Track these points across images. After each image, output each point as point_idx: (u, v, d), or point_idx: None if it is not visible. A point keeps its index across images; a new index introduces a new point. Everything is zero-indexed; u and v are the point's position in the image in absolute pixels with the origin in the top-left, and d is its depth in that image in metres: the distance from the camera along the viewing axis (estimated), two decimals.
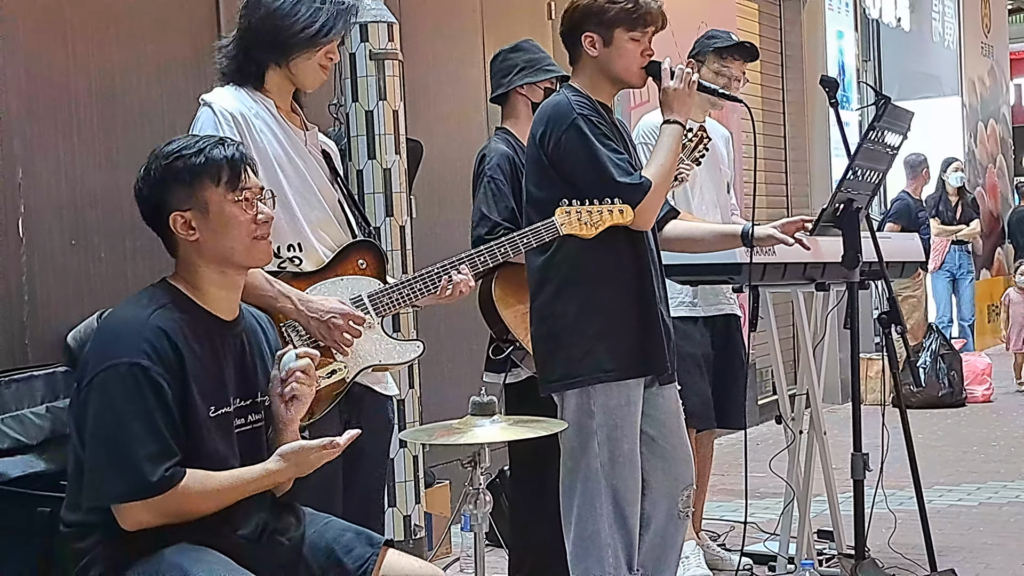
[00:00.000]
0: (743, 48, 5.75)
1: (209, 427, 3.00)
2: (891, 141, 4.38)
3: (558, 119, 4.05)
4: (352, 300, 3.64)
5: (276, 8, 3.61)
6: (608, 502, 4.08)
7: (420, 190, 6.34)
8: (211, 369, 3.02)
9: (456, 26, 7.13)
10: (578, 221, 3.87)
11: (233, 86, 3.67)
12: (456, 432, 3.32)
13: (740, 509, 7.06)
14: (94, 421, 2.92)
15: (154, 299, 3.03)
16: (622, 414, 4.09)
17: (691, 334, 5.52)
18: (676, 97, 4.10)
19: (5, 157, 4.56)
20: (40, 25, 4.72)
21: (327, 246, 3.69)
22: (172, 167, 3.04)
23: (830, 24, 11.66)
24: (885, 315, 4.37)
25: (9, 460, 4.20)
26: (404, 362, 3.75)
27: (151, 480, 2.86)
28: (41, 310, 4.63)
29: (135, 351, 2.90)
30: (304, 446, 3.04)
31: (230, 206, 3.06)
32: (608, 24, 4.08)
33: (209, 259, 3.07)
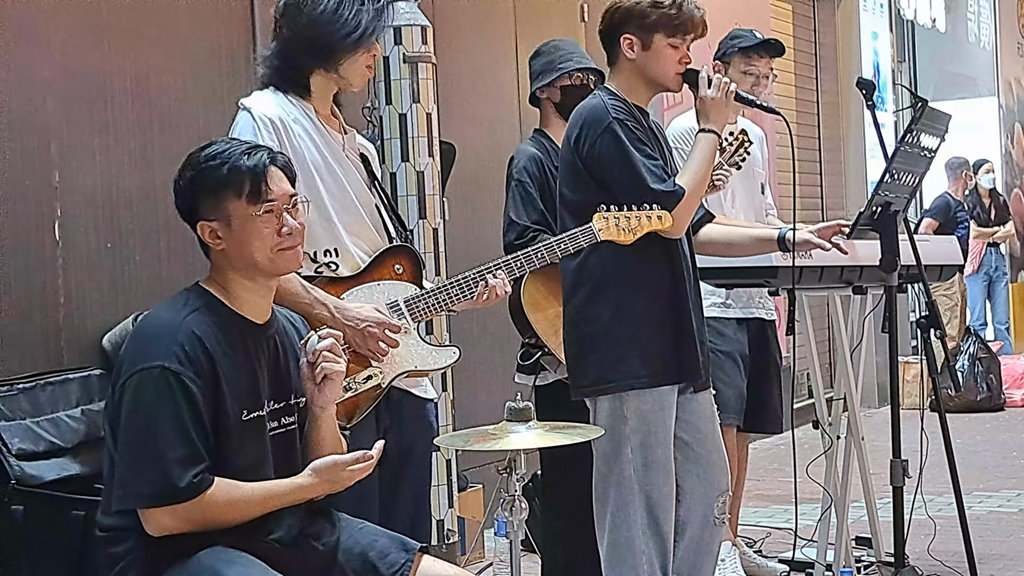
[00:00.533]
0: (768, 45, 5.71)
1: (241, 431, 3.00)
2: (928, 144, 4.34)
3: (594, 122, 4.03)
4: (388, 305, 3.63)
5: (319, 15, 3.60)
6: (642, 508, 4.06)
7: (453, 192, 6.33)
8: (244, 373, 3.03)
9: (489, 29, 7.11)
10: (616, 227, 3.84)
11: (273, 90, 3.66)
12: (492, 438, 3.30)
13: (776, 515, 7.05)
14: (125, 424, 2.93)
15: (188, 303, 3.04)
16: (656, 419, 4.06)
17: (725, 332, 5.50)
18: (713, 106, 4.07)
19: (41, 159, 4.56)
20: (77, 25, 4.73)
21: (363, 251, 3.68)
22: (198, 176, 3.07)
23: (864, 25, 11.59)
24: (924, 319, 4.32)
25: (44, 463, 4.22)
26: (440, 367, 3.74)
27: (179, 485, 2.87)
28: (76, 313, 4.64)
29: (167, 355, 2.91)
30: (337, 461, 3.05)
31: (251, 220, 3.06)
32: (649, 28, 4.05)
33: (237, 266, 3.09)
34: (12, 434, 4.20)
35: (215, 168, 3.06)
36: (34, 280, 4.51)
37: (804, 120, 11.09)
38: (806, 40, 11.25)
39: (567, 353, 4.22)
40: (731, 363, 5.47)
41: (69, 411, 4.40)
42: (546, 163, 4.82)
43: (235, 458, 2.98)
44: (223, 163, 3.06)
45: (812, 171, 11.21)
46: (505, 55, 7.18)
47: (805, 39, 11.22)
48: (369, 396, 3.56)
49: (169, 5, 5.12)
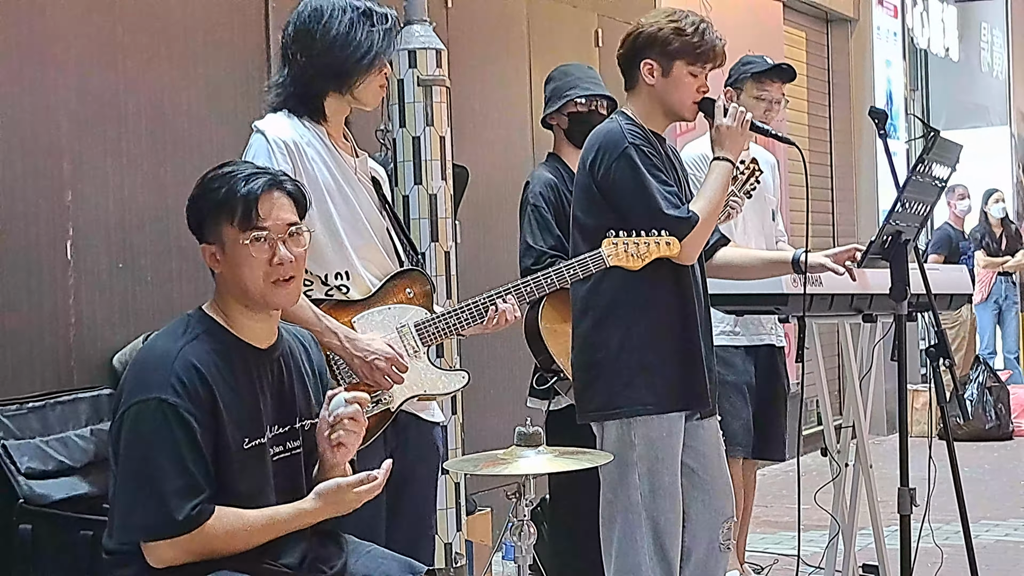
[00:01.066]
0: (780, 70, 5.72)
1: (242, 459, 2.99)
2: (939, 173, 4.35)
3: (610, 147, 4.03)
4: (399, 329, 3.64)
5: (333, 39, 3.63)
6: (648, 534, 4.05)
7: (466, 215, 6.34)
8: (245, 400, 3.01)
9: (503, 53, 7.14)
10: (625, 252, 3.85)
11: (287, 113, 3.68)
12: (501, 463, 3.31)
13: (783, 541, 7.04)
14: (124, 456, 2.92)
15: (188, 329, 3.03)
16: (663, 446, 4.06)
17: (733, 362, 5.50)
18: (729, 135, 4.08)
19: (54, 179, 4.58)
20: (92, 46, 4.75)
21: (374, 274, 3.69)
22: (200, 198, 3.09)
23: (878, 53, 11.60)
24: (933, 348, 4.32)
25: (53, 482, 4.23)
26: (449, 392, 3.75)
27: (177, 518, 2.86)
28: (87, 332, 4.65)
29: (164, 387, 2.90)
30: (341, 484, 3.02)
31: (240, 246, 3.04)
32: (670, 55, 4.05)
33: (233, 293, 3.09)
34: (21, 453, 4.20)
35: (215, 191, 3.06)
36: (45, 299, 4.52)
37: (816, 147, 11.09)
38: (819, 67, 11.26)
39: (575, 378, 4.23)
40: (738, 394, 5.47)
41: (78, 430, 4.41)
42: (561, 188, 4.84)
43: (237, 485, 2.97)
44: (221, 187, 3.06)
45: (824, 198, 11.20)
46: (519, 79, 7.21)
47: (818, 66, 11.24)
48: (378, 420, 3.57)
49: (184, 27, 5.14)
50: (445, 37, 6.34)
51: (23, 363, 4.45)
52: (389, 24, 3.68)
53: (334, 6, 3.66)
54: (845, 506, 5.38)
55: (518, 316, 3.79)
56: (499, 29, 7.11)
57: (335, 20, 3.63)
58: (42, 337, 4.51)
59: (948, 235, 11.57)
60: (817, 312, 4.91)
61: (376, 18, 3.66)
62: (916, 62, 13.68)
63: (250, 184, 3.05)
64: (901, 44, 12.23)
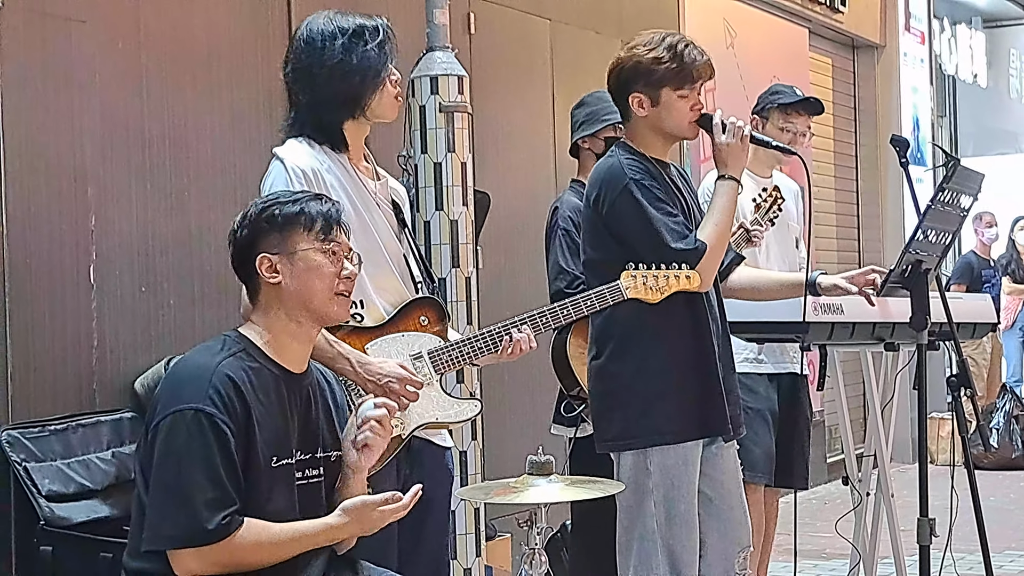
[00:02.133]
0: (807, 103, 5.72)
1: (271, 477, 3.01)
2: (961, 202, 4.34)
3: (611, 183, 4.02)
4: (412, 356, 3.64)
5: (331, 72, 3.62)
6: (665, 562, 4.03)
7: (487, 241, 6.35)
8: (276, 420, 3.04)
9: (526, 79, 7.16)
10: (644, 285, 3.84)
11: (308, 140, 3.68)
12: (513, 491, 3.31)
13: (806, 570, 7.01)
14: (157, 465, 2.94)
15: (225, 347, 3.06)
16: (679, 474, 4.04)
17: (756, 389, 5.48)
18: (730, 152, 4.05)
19: (78, 203, 4.62)
20: (117, 72, 4.79)
21: (389, 302, 3.69)
22: (266, 212, 3.12)
23: (904, 79, 11.59)
24: (955, 377, 4.31)
25: (73, 505, 4.27)
26: (461, 421, 3.74)
27: (207, 527, 2.87)
28: (110, 355, 4.68)
29: (202, 397, 2.92)
30: (367, 502, 3.03)
31: (317, 254, 3.11)
32: (655, 84, 4.02)
33: (289, 305, 3.11)
34: (43, 475, 4.24)
35: (288, 205, 3.13)
36: (68, 322, 4.56)
37: (842, 174, 11.09)
38: (845, 94, 11.27)
39: (592, 407, 4.22)
40: (761, 421, 5.44)
41: (100, 453, 4.44)
42: None
43: (265, 503, 2.98)
44: (296, 202, 3.14)
45: (850, 224, 11.20)
46: (541, 106, 7.23)
47: (844, 92, 11.24)
48: (389, 446, 3.57)
49: (209, 54, 5.18)
50: (467, 63, 6.36)
51: (46, 386, 4.48)
52: (381, 36, 3.66)
53: (324, 34, 3.64)
54: (866, 535, 5.36)
55: (534, 346, 3.77)
56: (522, 55, 7.14)
57: (328, 50, 3.62)
58: (65, 360, 4.55)
59: (970, 264, 11.51)
60: (838, 340, 4.90)
61: (368, 34, 3.65)
62: (944, 88, 13.67)
63: (326, 205, 3.18)
64: (928, 70, 12.21)
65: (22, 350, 4.39)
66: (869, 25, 11.21)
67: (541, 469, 3.31)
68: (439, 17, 5.42)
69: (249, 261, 3.12)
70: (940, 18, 13.05)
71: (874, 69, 11.44)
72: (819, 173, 10.58)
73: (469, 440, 5.30)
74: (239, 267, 3.17)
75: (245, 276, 3.17)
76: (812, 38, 10.45)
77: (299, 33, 3.74)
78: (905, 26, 11.67)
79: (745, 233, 5.22)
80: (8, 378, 4.35)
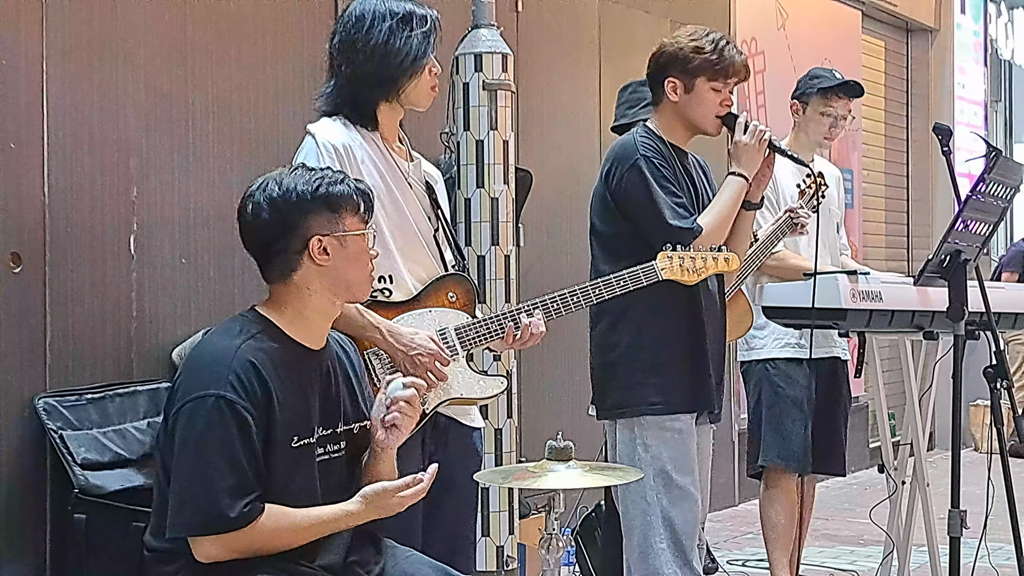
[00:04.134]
0: (847, 86, 5.71)
1: (291, 458, 3.02)
2: (1002, 193, 4.31)
3: (623, 158, 4.16)
4: (439, 332, 3.66)
5: (373, 49, 3.67)
6: (667, 537, 4.11)
7: (529, 218, 6.34)
8: (297, 400, 3.04)
9: (574, 58, 7.15)
10: (680, 267, 3.87)
11: (341, 119, 3.71)
12: (531, 476, 3.32)
13: (842, 556, 7.00)
14: (178, 452, 2.95)
15: (244, 328, 3.06)
16: (674, 446, 4.13)
17: (795, 376, 5.47)
18: (746, 151, 4.16)
19: (121, 174, 4.65)
20: (162, 45, 4.81)
21: (418, 278, 3.71)
22: (319, 191, 3.08)
23: (958, 63, 11.48)
24: (992, 368, 4.29)
25: (108, 473, 4.31)
26: (486, 397, 3.75)
27: (229, 515, 2.89)
28: (149, 326, 4.71)
29: (222, 383, 2.93)
30: (387, 488, 3.05)
31: (363, 238, 3.14)
32: (691, 72, 4.16)
33: (329, 287, 3.11)
34: (79, 443, 4.28)
35: (335, 184, 3.10)
36: (108, 292, 4.59)
37: (893, 157, 11.02)
38: (898, 77, 11.18)
39: (592, 379, 4.33)
40: (796, 410, 5.44)
41: (136, 423, 4.48)
42: None
43: (286, 484, 3.00)
44: (337, 181, 3.11)
45: (899, 209, 11.12)
46: (588, 84, 7.21)
47: (897, 76, 11.15)
48: None
49: (254, 28, 5.19)
50: (514, 41, 6.36)
51: (84, 355, 4.51)
52: (428, 26, 3.71)
53: (375, 14, 3.69)
54: (900, 523, 5.34)
55: (543, 331, 3.76)
56: (569, 34, 7.12)
57: (375, 29, 3.67)
58: (104, 330, 4.58)
59: (1022, 252, 11.42)
60: (877, 328, 4.87)
61: (416, 21, 3.70)
62: (999, 73, 13.53)
63: (363, 185, 3.19)
64: (983, 54, 12.09)
65: (61, 319, 4.42)
66: (924, 8, 11.10)
67: (560, 455, 3.31)
68: None
69: (295, 241, 3.07)
70: (997, 2, 12.91)
71: (927, 52, 11.35)
72: (869, 156, 10.51)
73: (504, 418, 5.32)
74: (277, 246, 3.10)
75: (278, 253, 3.10)
76: (865, 20, 10.36)
77: (351, 8, 3.79)
78: (961, 10, 11.56)
79: (791, 219, 5.21)
80: (47, 347, 4.39)
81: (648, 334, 4.15)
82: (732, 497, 8.23)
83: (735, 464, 8.03)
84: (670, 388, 4.15)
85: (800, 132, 5.71)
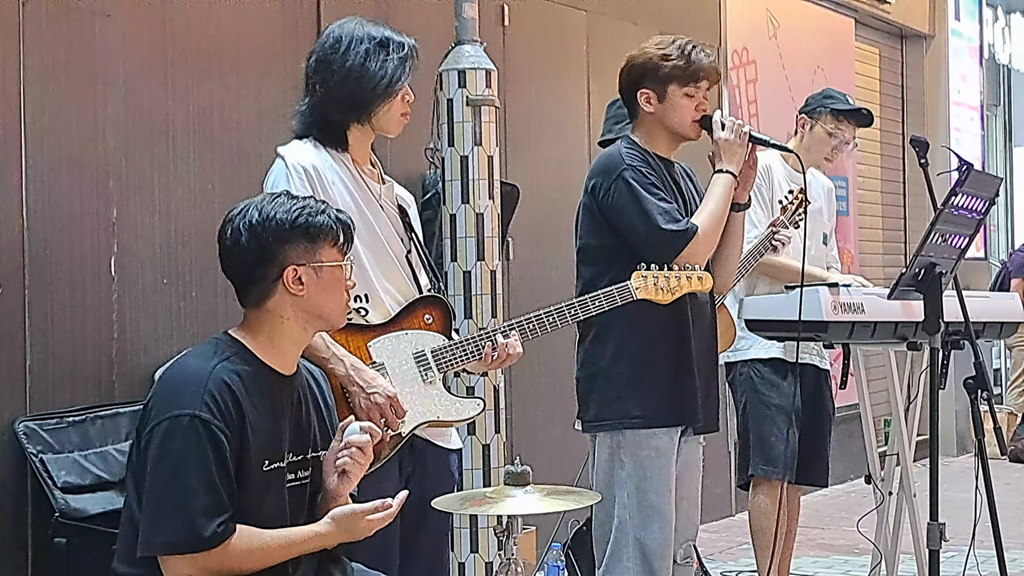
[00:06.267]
0: (859, 114, 5.74)
1: (262, 481, 3.02)
2: (976, 206, 4.31)
3: (609, 169, 4.16)
4: (415, 355, 3.66)
5: (348, 71, 3.68)
6: (636, 556, 4.08)
7: (519, 233, 6.36)
8: (269, 423, 3.05)
9: (562, 71, 7.14)
10: (654, 286, 3.87)
11: (313, 141, 3.72)
12: (488, 502, 3.32)
13: (836, 565, 6.99)
14: (152, 471, 2.94)
15: (218, 351, 3.06)
16: (652, 465, 4.10)
17: (779, 384, 5.48)
18: (727, 147, 4.17)
19: (100, 195, 4.66)
20: (142, 65, 4.83)
21: (394, 299, 3.72)
22: (298, 221, 3.08)
23: (954, 69, 11.47)
24: (971, 380, 4.29)
25: (89, 496, 4.31)
26: (463, 419, 3.75)
27: (203, 534, 2.89)
28: (130, 347, 4.72)
29: (197, 403, 2.93)
30: (355, 511, 3.04)
31: (339, 269, 3.13)
32: (662, 80, 4.18)
33: (303, 316, 3.11)
34: (59, 467, 4.29)
35: (315, 214, 3.10)
36: (88, 314, 4.60)
37: (889, 164, 11.01)
38: (893, 84, 11.17)
39: (576, 390, 4.31)
40: (783, 418, 5.44)
41: (118, 445, 4.48)
42: None
43: (256, 507, 3.00)
44: (317, 211, 3.11)
45: (896, 215, 11.12)
46: (576, 98, 7.21)
47: (892, 83, 11.14)
48: (389, 443, 3.59)
49: (237, 46, 5.21)
50: (501, 55, 6.37)
51: (65, 377, 4.53)
52: (405, 52, 3.73)
53: (353, 37, 3.71)
54: (888, 533, 5.34)
55: (520, 352, 3.78)
56: (557, 47, 7.12)
57: (352, 51, 3.68)
58: (84, 352, 4.59)
59: None
60: (859, 339, 4.87)
61: (393, 47, 3.71)
62: (997, 77, 13.52)
63: (343, 215, 3.19)
64: (979, 59, 12.07)
65: (41, 342, 4.44)
66: (918, 15, 11.09)
67: (517, 480, 3.32)
68: (468, 11, 5.43)
69: (271, 270, 3.07)
70: (994, 7, 12.90)
71: (922, 59, 11.34)
72: (865, 164, 10.50)
73: (492, 434, 5.32)
74: (253, 274, 3.10)
75: (254, 279, 3.10)
76: (859, 28, 10.36)
77: (330, 29, 3.81)
78: (955, 15, 11.55)
79: (772, 235, 5.24)
80: (27, 370, 4.40)
81: (631, 347, 4.14)
82: (727, 507, 8.22)
83: (730, 474, 8.01)
84: (651, 402, 4.12)
85: (801, 148, 5.65)
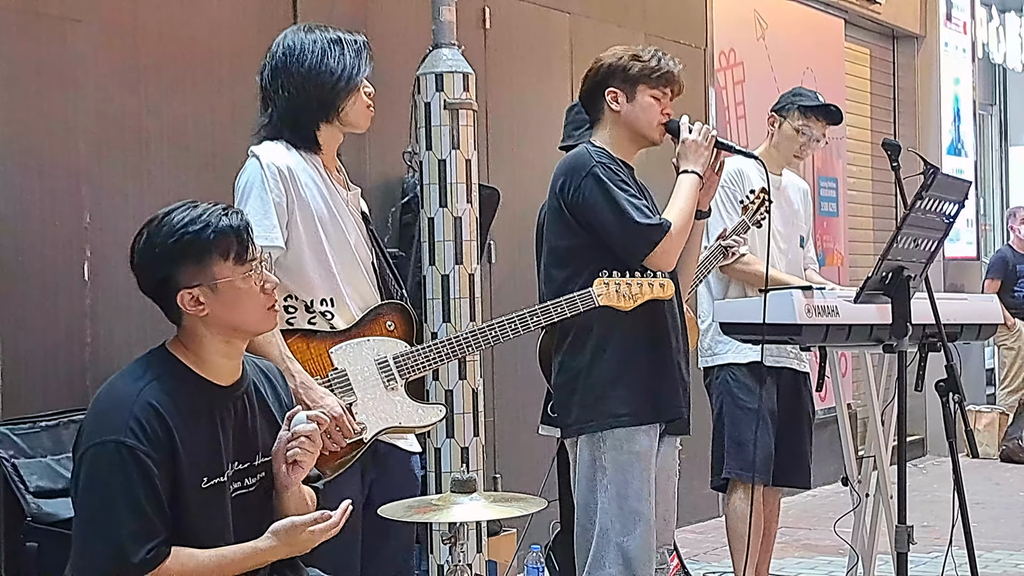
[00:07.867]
0: (827, 111, 5.74)
1: (201, 499, 2.98)
2: (945, 209, 4.31)
3: (577, 167, 4.15)
4: (378, 362, 3.68)
5: (308, 70, 3.73)
6: (617, 562, 4.07)
7: (501, 235, 6.37)
8: (205, 440, 2.99)
9: (545, 74, 7.14)
10: (616, 293, 3.88)
11: (285, 144, 3.74)
12: (434, 509, 3.33)
13: (820, 566, 6.98)
14: (80, 496, 2.92)
15: (148, 370, 3.00)
16: (633, 470, 4.10)
17: (754, 388, 5.47)
18: (694, 149, 4.18)
19: (72, 201, 4.67)
20: (113, 71, 4.83)
21: (359, 304, 3.74)
22: (180, 242, 2.99)
23: (945, 69, 11.46)
24: (942, 383, 4.28)
25: (61, 501, 4.30)
26: (424, 426, 3.76)
27: (132, 560, 2.85)
28: (103, 352, 4.72)
29: (122, 429, 2.88)
30: (295, 523, 3.00)
31: (240, 281, 3.02)
32: (632, 80, 4.20)
33: (219, 330, 3.04)
34: (31, 471, 4.29)
35: (199, 232, 2.99)
36: (61, 320, 4.61)
37: (880, 164, 10.98)
38: (884, 84, 11.16)
39: (555, 398, 4.31)
40: (760, 421, 5.44)
41: None
42: None
43: (195, 525, 2.96)
44: (206, 226, 2.99)
45: (887, 216, 11.10)
46: (560, 100, 7.14)
47: (883, 83, 11.13)
48: (350, 450, 3.59)
49: (210, 53, 5.21)
50: (482, 58, 6.37)
51: (37, 383, 4.53)
52: (358, 46, 3.79)
53: (303, 41, 3.76)
54: (865, 535, 5.34)
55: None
56: (540, 49, 7.12)
57: (308, 52, 3.74)
58: (57, 358, 4.60)
59: (1004, 259, 11.36)
60: (834, 342, 4.87)
61: (346, 43, 3.78)
62: (991, 78, 13.51)
63: (231, 219, 3.02)
64: (971, 59, 12.06)
65: (12, 347, 4.43)
66: (909, 15, 11.09)
67: (463, 487, 3.32)
68: (445, 14, 5.43)
69: (167, 293, 3.02)
70: (988, 6, 12.89)
71: (914, 59, 11.33)
72: (856, 164, 10.50)
73: (471, 436, 5.32)
74: (154, 295, 3.06)
75: (158, 301, 3.06)
76: (849, 28, 10.35)
77: (276, 42, 3.85)
78: (947, 16, 11.54)
79: (720, 248, 5.26)
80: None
81: (610, 349, 4.14)
82: (714, 509, 8.20)
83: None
84: (634, 399, 4.12)
85: (772, 146, 5.74)
